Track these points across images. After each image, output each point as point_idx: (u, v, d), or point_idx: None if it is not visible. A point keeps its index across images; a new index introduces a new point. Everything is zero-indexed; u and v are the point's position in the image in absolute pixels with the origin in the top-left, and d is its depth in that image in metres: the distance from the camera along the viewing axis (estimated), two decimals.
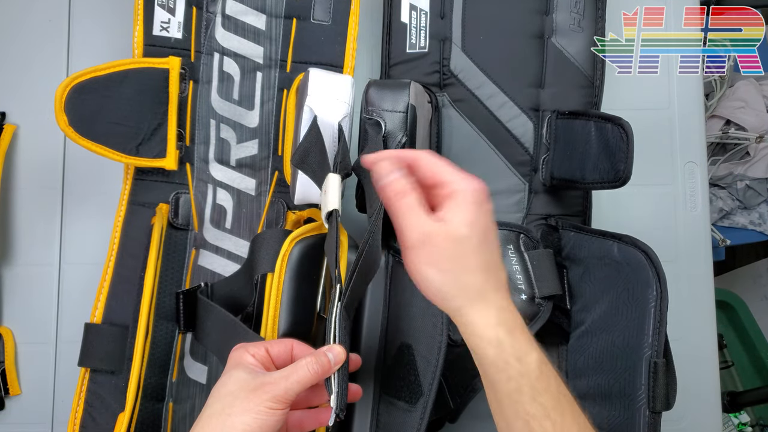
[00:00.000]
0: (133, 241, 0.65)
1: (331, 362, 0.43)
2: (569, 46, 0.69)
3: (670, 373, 0.52)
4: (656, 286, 0.53)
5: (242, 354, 0.45)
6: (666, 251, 0.72)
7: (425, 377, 0.52)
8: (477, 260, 0.40)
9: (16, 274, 0.70)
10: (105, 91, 0.61)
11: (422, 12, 0.68)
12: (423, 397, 0.52)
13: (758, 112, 1.20)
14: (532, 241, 0.61)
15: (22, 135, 0.72)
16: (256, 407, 0.41)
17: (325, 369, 0.43)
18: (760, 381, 1.26)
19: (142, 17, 0.66)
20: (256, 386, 0.42)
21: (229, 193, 0.67)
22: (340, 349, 0.44)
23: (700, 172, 0.75)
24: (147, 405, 0.62)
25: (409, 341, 0.55)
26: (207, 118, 0.67)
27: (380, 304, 0.58)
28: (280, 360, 0.46)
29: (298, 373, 0.43)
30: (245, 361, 0.44)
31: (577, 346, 0.61)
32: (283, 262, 0.54)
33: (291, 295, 0.54)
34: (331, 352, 0.44)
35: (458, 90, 0.68)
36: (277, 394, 0.41)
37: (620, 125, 0.58)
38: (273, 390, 0.41)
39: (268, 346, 0.46)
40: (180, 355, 0.64)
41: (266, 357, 0.45)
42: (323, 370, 0.43)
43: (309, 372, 0.43)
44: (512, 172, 0.68)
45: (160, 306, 0.63)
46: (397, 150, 0.45)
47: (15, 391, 0.68)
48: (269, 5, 0.67)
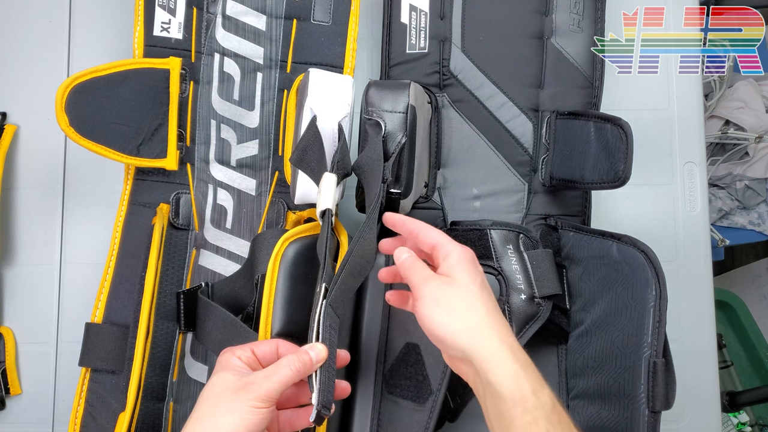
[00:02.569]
0: (133, 241, 0.65)
1: (313, 360, 0.45)
2: (569, 46, 0.69)
3: (669, 372, 0.52)
4: (655, 286, 0.53)
5: (229, 357, 0.46)
6: (665, 251, 0.72)
7: (434, 376, 0.52)
8: (481, 303, 0.44)
9: (16, 274, 0.70)
10: (106, 91, 0.62)
11: (422, 13, 0.68)
12: (432, 396, 0.52)
13: (757, 113, 1.20)
14: (532, 241, 0.61)
15: (23, 135, 0.72)
16: (240, 407, 0.42)
17: (306, 367, 0.45)
18: (759, 381, 1.26)
19: (143, 18, 0.66)
20: (240, 387, 0.43)
21: (229, 193, 0.67)
22: (322, 347, 0.45)
23: (700, 172, 0.75)
24: (148, 404, 0.62)
25: (416, 341, 0.55)
26: (207, 119, 0.67)
27: (380, 304, 0.59)
28: (267, 359, 0.47)
29: (280, 372, 0.44)
30: (231, 363, 0.46)
31: (576, 345, 0.61)
32: (276, 262, 0.54)
33: (285, 295, 0.54)
34: (312, 350, 0.45)
35: (458, 90, 0.68)
36: (260, 394, 0.43)
37: (619, 125, 0.59)
38: (256, 390, 0.43)
39: (253, 347, 0.47)
40: (180, 355, 0.64)
41: (252, 358, 0.47)
42: (305, 368, 0.44)
43: (290, 370, 0.44)
44: (512, 172, 0.68)
45: (161, 306, 0.64)
46: (404, 219, 0.50)
47: (16, 390, 0.68)
48: (269, 6, 0.67)
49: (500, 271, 0.59)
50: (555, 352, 0.64)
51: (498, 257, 0.60)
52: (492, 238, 0.60)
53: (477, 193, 0.68)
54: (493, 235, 0.60)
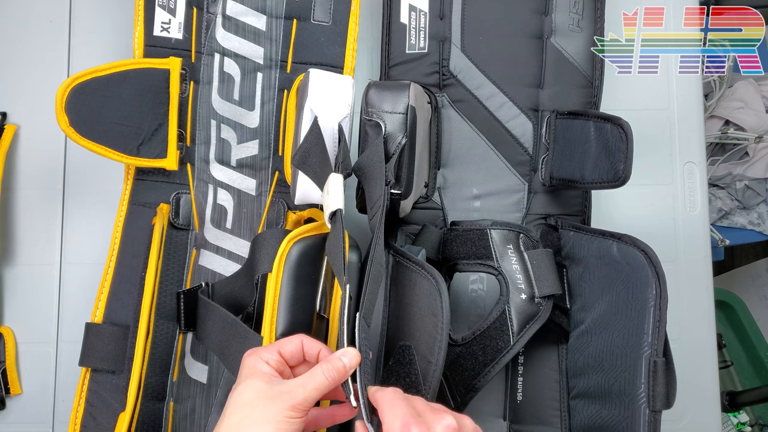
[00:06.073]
0: (133, 241, 0.65)
1: (347, 366, 0.44)
2: (568, 46, 0.69)
3: (669, 371, 0.52)
4: (656, 286, 0.53)
5: (256, 361, 0.45)
6: (665, 251, 0.72)
7: (425, 377, 0.52)
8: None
9: (17, 274, 0.70)
10: (106, 91, 0.62)
11: (422, 13, 0.68)
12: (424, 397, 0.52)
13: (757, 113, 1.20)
14: (532, 241, 0.61)
15: (23, 135, 0.72)
16: (275, 417, 0.41)
17: (341, 374, 0.43)
18: (759, 380, 1.26)
19: (143, 18, 0.66)
20: (274, 395, 0.42)
21: (229, 193, 0.67)
22: (354, 353, 0.44)
23: (700, 172, 0.75)
24: (148, 404, 0.62)
25: (408, 341, 0.55)
26: (207, 119, 0.67)
27: (381, 305, 0.59)
28: (294, 359, 0.47)
29: (315, 380, 0.43)
30: (260, 369, 0.44)
31: (576, 345, 0.61)
32: (281, 262, 0.54)
33: (289, 295, 0.54)
34: (345, 357, 0.44)
35: (458, 90, 0.68)
36: (295, 403, 0.41)
37: (619, 125, 0.59)
38: (291, 399, 0.41)
39: (278, 347, 0.46)
40: (181, 355, 0.64)
41: (280, 360, 0.45)
42: (339, 376, 0.43)
43: (326, 379, 0.43)
44: (512, 172, 0.68)
45: (161, 306, 0.64)
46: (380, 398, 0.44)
47: (16, 390, 0.68)
48: (269, 6, 0.67)
49: (500, 271, 0.59)
50: (555, 352, 0.64)
51: (498, 257, 0.60)
52: (492, 238, 0.60)
53: (477, 192, 0.68)
54: (494, 235, 0.60)
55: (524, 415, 0.64)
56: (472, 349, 0.57)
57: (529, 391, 0.65)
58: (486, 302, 0.67)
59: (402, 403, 0.41)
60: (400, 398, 0.41)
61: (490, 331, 0.57)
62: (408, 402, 0.41)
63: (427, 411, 0.41)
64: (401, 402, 0.41)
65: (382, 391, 0.42)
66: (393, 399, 0.41)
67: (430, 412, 0.41)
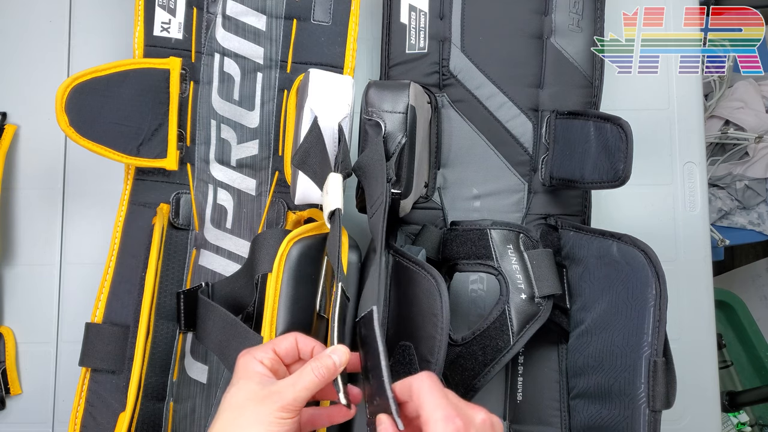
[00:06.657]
0: (133, 241, 0.65)
1: (336, 364, 0.43)
2: (568, 46, 0.69)
3: (669, 371, 0.52)
4: (655, 286, 0.53)
5: (249, 362, 0.45)
6: (665, 251, 0.72)
7: None
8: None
9: (16, 274, 0.70)
10: (106, 91, 0.62)
11: (421, 13, 0.68)
12: None
13: (757, 113, 1.21)
14: (532, 241, 0.61)
15: (23, 135, 0.72)
16: (266, 418, 0.41)
17: (330, 372, 0.43)
18: (759, 380, 1.26)
19: (143, 18, 0.66)
20: (264, 396, 0.42)
21: (229, 193, 0.67)
22: (343, 350, 0.44)
23: (699, 172, 0.75)
24: (148, 404, 0.62)
25: (408, 341, 0.55)
26: (207, 119, 0.67)
27: (382, 308, 0.58)
28: (289, 356, 0.46)
29: (304, 379, 0.42)
30: (252, 369, 0.44)
31: (576, 345, 0.61)
32: (281, 262, 0.54)
33: (289, 295, 0.54)
34: (335, 354, 0.44)
35: (458, 90, 0.68)
36: (285, 404, 0.41)
37: (619, 125, 0.59)
38: (281, 399, 0.41)
39: (273, 345, 0.46)
40: (181, 355, 0.64)
41: (274, 359, 0.45)
42: (329, 373, 0.43)
43: (315, 377, 0.43)
44: (512, 171, 0.69)
45: (161, 306, 0.64)
46: None
47: (16, 390, 0.68)
48: (269, 6, 0.67)
49: (500, 271, 0.59)
50: (555, 352, 0.64)
51: (498, 257, 0.60)
52: (492, 238, 0.60)
53: (477, 192, 0.68)
54: (494, 235, 0.60)
55: (524, 415, 0.64)
56: (472, 349, 0.57)
57: (529, 391, 0.65)
58: (486, 302, 0.67)
59: (441, 393, 0.40)
60: (439, 387, 0.40)
61: (490, 331, 0.57)
62: (445, 392, 0.41)
63: (462, 404, 0.41)
64: (440, 392, 0.40)
65: (418, 379, 0.41)
66: (432, 387, 0.40)
67: (465, 406, 0.40)
